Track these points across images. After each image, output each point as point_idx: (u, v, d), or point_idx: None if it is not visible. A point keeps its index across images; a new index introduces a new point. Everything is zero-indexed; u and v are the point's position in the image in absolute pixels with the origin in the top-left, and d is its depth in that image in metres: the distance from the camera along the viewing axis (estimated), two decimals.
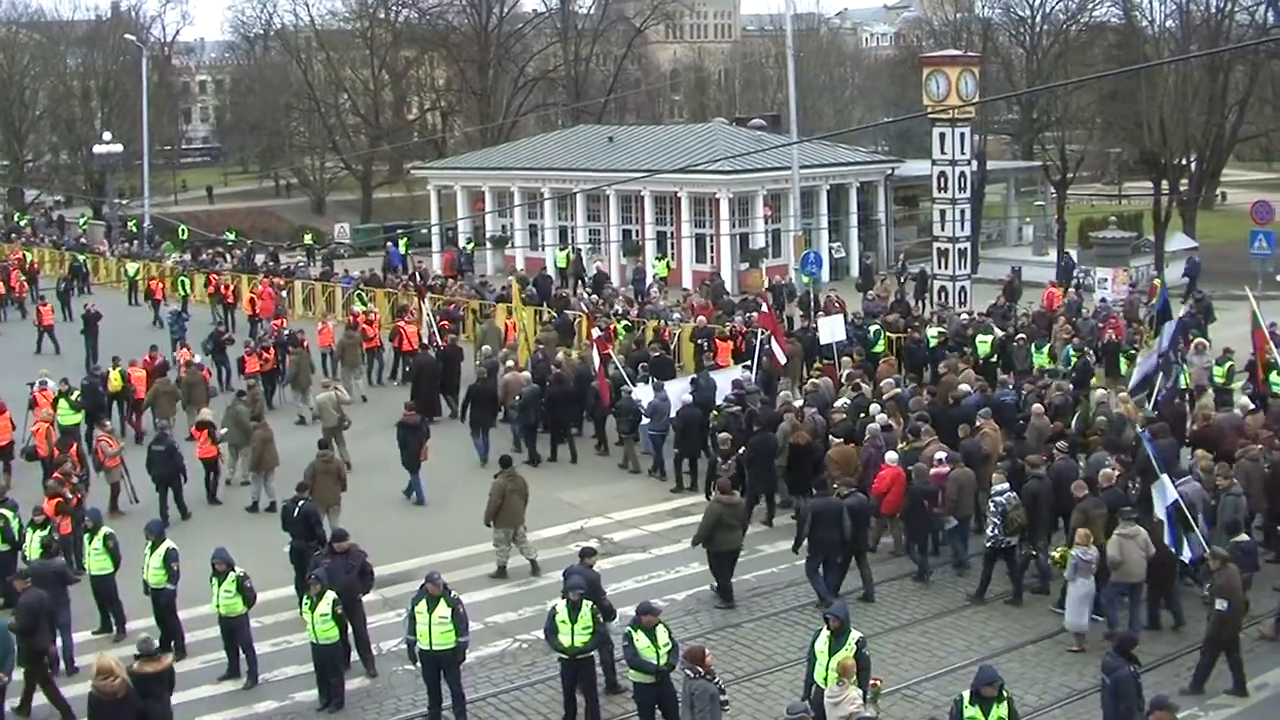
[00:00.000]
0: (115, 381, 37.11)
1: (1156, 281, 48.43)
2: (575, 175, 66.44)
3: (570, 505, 30.53)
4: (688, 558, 26.99)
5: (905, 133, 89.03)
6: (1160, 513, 22.08)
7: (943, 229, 48.75)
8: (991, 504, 24.27)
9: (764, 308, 38.39)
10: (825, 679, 17.88)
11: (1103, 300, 47.71)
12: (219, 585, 21.48)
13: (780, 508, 29.27)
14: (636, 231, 64.83)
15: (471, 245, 68.56)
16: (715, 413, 31.50)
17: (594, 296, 49.21)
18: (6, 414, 33.57)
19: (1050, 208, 75.46)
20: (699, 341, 40.64)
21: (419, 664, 20.20)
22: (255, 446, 31.06)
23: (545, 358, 37.62)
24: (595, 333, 36.27)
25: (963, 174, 48.13)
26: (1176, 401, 31.13)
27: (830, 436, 28.31)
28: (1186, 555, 22.03)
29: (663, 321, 43.15)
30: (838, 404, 30.76)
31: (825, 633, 18.28)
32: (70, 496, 26.57)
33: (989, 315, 41.93)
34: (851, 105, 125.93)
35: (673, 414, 31.98)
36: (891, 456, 26.54)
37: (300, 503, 24.96)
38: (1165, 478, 22.38)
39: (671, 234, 63.62)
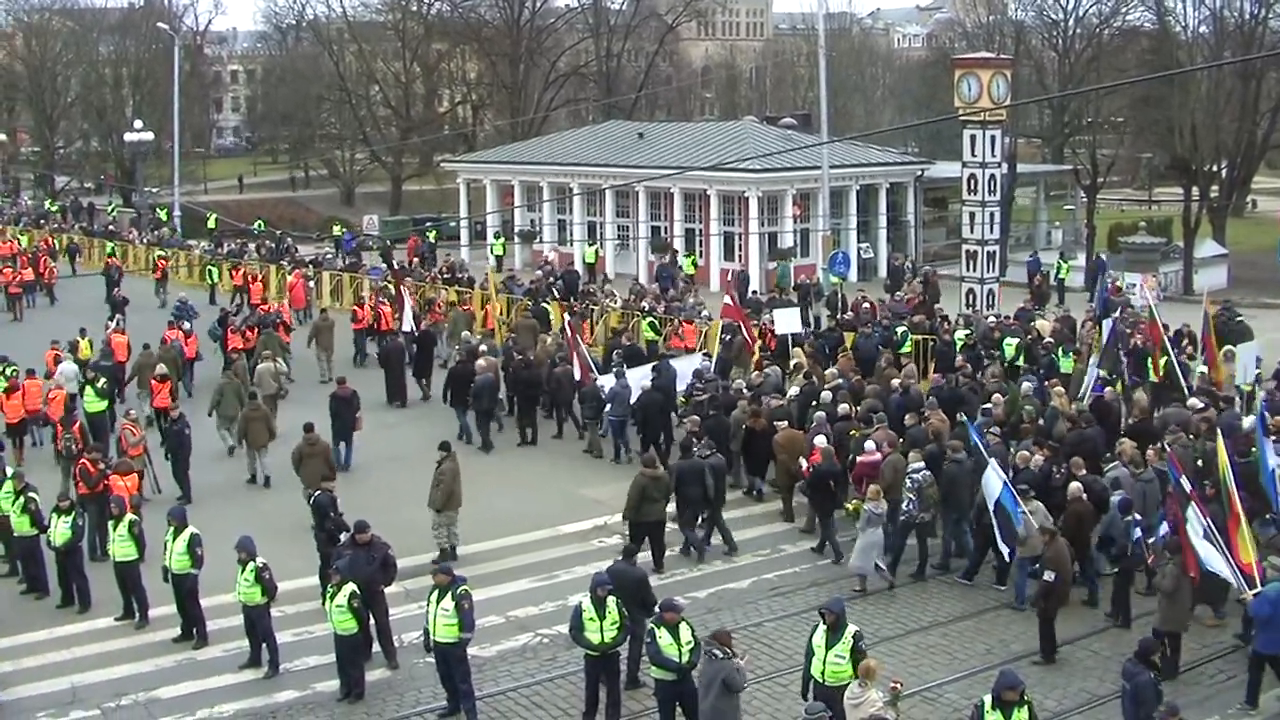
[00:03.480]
0: (85, 350, 39.28)
1: (1119, 284, 48.63)
2: (605, 171, 66.53)
3: (594, 501, 30.44)
4: (709, 555, 27.10)
5: (936, 134, 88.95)
6: (990, 504, 23.92)
7: (972, 231, 48.57)
8: (908, 480, 25.69)
9: (728, 300, 39.74)
10: (822, 673, 18.13)
11: (1129, 305, 47.50)
12: (240, 573, 21.54)
13: (732, 489, 30.42)
14: (665, 229, 64.82)
15: (501, 240, 68.59)
16: (684, 400, 33.46)
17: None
18: (19, 393, 34.42)
19: (1080, 212, 75.27)
20: (725, 337, 40.82)
21: (432, 654, 20.32)
22: (239, 423, 32.82)
23: (515, 345, 38.76)
24: (566, 317, 37.60)
25: (993, 176, 47.90)
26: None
27: (776, 422, 29.74)
28: (1005, 550, 24.00)
29: (678, 319, 43.35)
30: (790, 393, 32.69)
31: (822, 627, 18.38)
32: (105, 472, 26.85)
33: (1016, 319, 41.77)
34: (882, 106, 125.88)
35: (633, 400, 33.08)
36: (819, 441, 27.90)
37: (316, 493, 25.17)
38: (993, 463, 24.45)
39: (700, 232, 63.62)
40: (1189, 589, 21.42)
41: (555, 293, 49.00)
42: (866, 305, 44.44)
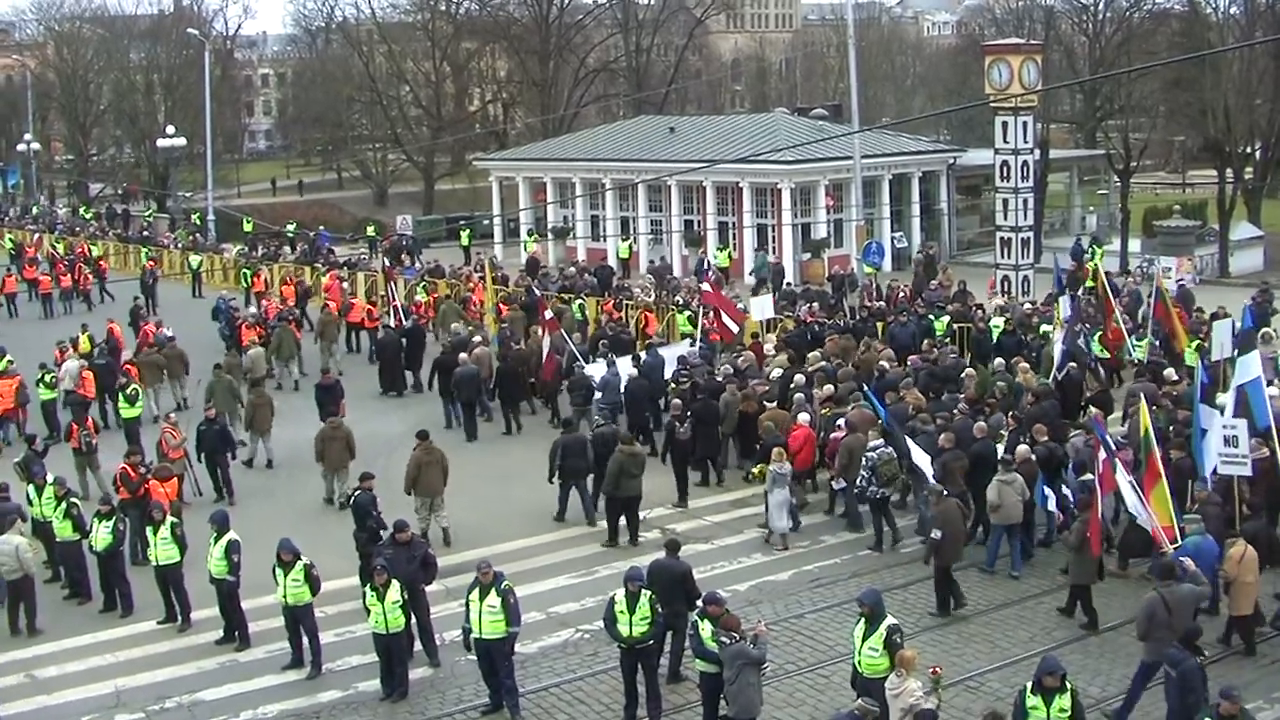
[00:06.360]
0: (84, 345, 40.54)
1: (1090, 265, 48.43)
2: (636, 166, 66.56)
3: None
4: (750, 548, 27.16)
5: (968, 121, 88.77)
6: (923, 465, 25.58)
7: (1005, 218, 48.52)
8: (865, 458, 26.74)
9: (707, 287, 40.54)
10: (859, 664, 18.26)
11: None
12: (285, 575, 21.54)
13: (729, 470, 32.11)
14: (698, 222, 64.85)
15: (534, 236, 68.66)
16: (672, 387, 34.10)
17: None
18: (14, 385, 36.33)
19: (1114, 196, 74.94)
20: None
21: (473, 652, 20.31)
22: (246, 409, 34.36)
23: (510, 334, 40.10)
24: (547, 314, 38.48)
25: (1025, 163, 47.86)
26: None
27: (764, 402, 31.20)
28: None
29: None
30: (772, 375, 33.80)
31: (862, 619, 18.47)
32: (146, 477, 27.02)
33: (1049, 305, 41.57)
34: (913, 94, 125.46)
35: (623, 388, 34.17)
36: (803, 418, 29.32)
37: (356, 492, 25.34)
38: (899, 432, 26.41)
39: (733, 224, 63.60)
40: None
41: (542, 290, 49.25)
42: (902, 294, 44.37)
